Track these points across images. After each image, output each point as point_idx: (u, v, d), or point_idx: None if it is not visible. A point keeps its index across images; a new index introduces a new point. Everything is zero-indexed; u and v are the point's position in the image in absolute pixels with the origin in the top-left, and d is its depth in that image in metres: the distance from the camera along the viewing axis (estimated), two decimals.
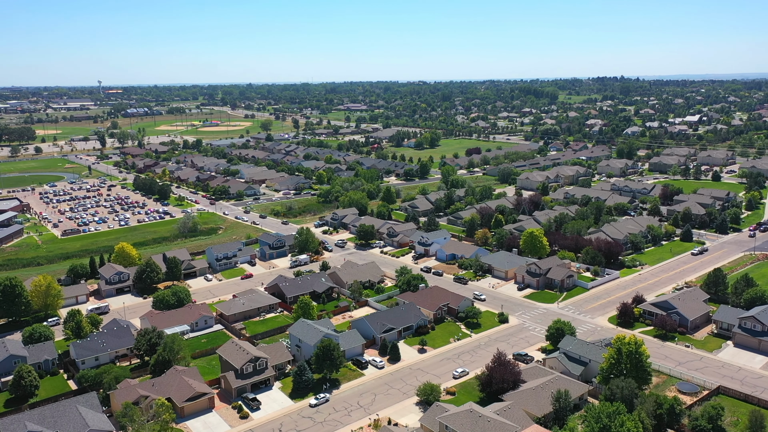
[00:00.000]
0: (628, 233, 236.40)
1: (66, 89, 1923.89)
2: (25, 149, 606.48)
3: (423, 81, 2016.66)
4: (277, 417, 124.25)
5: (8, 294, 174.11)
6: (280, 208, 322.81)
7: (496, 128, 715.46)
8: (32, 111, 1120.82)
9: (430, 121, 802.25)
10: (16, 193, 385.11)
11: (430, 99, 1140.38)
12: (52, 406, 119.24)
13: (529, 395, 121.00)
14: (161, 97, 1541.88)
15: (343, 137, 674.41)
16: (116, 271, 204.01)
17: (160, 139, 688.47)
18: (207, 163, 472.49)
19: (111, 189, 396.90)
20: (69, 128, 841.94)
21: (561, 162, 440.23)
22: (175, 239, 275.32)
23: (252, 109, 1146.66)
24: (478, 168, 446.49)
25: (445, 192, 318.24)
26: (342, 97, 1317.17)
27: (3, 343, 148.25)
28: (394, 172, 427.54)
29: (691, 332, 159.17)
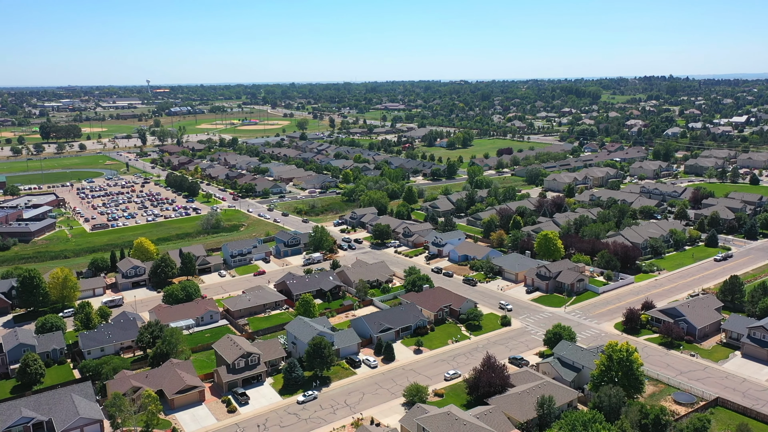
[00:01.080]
0: (648, 237, 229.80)
1: (116, 88, 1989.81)
2: (71, 146, 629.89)
3: (465, 80, 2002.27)
4: (263, 412, 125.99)
5: (27, 285, 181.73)
6: (303, 206, 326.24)
7: (533, 128, 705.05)
8: (82, 109, 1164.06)
9: (467, 121, 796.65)
10: (55, 188, 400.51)
11: (469, 98, 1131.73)
12: (48, 394, 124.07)
13: (515, 400, 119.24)
14: (206, 96, 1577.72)
15: (377, 136, 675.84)
16: (133, 265, 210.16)
17: (199, 137, 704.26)
18: (239, 161, 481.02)
19: (144, 185, 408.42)
20: (114, 126, 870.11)
21: (593, 163, 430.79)
22: (197, 235, 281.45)
23: (291, 108, 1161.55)
24: (507, 168, 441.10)
25: (466, 192, 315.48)
26: (381, 97, 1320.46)
27: (15, 332, 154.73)
28: (421, 171, 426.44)
29: (699, 341, 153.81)
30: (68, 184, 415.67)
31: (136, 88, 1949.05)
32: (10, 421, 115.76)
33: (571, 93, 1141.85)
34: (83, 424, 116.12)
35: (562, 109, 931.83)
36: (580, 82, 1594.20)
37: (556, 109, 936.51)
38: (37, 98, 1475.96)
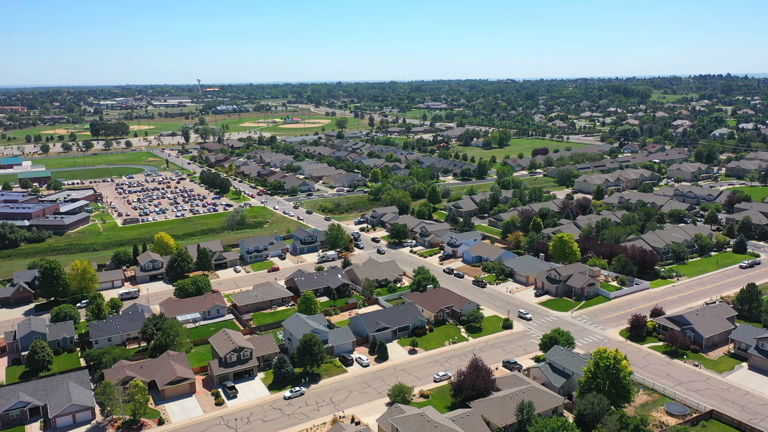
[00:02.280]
0: (671, 242, 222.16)
1: (169, 87, 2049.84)
2: (118, 143, 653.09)
3: (512, 79, 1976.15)
4: (250, 406, 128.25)
5: (48, 276, 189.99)
6: (328, 205, 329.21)
7: (574, 128, 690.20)
8: (134, 107, 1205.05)
9: (507, 120, 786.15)
10: (96, 183, 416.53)
11: (513, 98, 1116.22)
12: (46, 380, 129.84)
13: (496, 404, 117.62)
14: (253, 95, 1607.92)
15: (415, 135, 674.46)
16: (151, 259, 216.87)
17: (241, 135, 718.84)
18: (274, 159, 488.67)
19: (180, 182, 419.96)
20: (162, 124, 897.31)
21: (629, 165, 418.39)
22: (222, 231, 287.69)
23: (334, 107, 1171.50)
24: (540, 169, 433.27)
25: (491, 193, 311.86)
26: (424, 96, 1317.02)
27: (29, 321, 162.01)
28: (451, 171, 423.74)
29: (706, 350, 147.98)
30: (109, 180, 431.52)
31: (188, 87, 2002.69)
32: (8, 404, 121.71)
33: (619, 92, 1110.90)
34: (75, 411, 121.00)
35: (608, 108, 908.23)
36: (631, 81, 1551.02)
37: (601, 109, 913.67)
38: (94, 97, 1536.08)
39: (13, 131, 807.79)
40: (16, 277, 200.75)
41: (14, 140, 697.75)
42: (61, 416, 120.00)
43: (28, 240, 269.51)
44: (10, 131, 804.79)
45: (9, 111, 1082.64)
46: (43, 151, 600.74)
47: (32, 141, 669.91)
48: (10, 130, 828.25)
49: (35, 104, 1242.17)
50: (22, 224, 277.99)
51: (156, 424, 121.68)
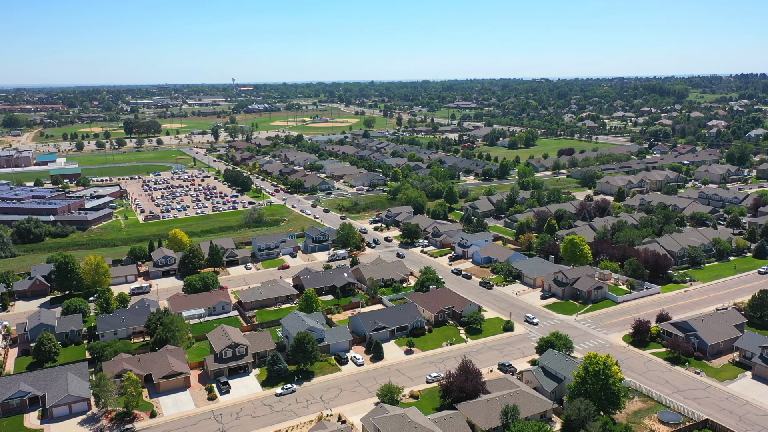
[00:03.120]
0: (687, 245, 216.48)
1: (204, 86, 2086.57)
2: (150, 141, 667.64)
3: (546, 78, 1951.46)
4: (241, 402, 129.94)
5: (62, 270, 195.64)
6: (346, 203, 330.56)
7: (604, 128, 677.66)
8: (170, 106, 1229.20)
9: (537, 120, 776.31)
10: (124, 180, 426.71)
11: (545, 97, 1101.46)
12: (46, 371, 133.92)
13: (483, 407, 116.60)
14: (286, 94, 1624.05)
15: (441, 135, 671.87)
16: (164, 255, 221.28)
17: (269, 133, 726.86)
18: (298, 158, 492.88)
19: (204, 180, 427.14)
20: (194, 122, 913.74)
21: (657, 166, 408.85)
22: (239, 228, 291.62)
23: (364, 106, 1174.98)
24: (564, 170, 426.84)
25: (508, 194, 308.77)
26: (455, 95, 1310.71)
27: (39, 313, 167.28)
28: (473, 171, 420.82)
29: (711, 358, 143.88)
30: (136, 177, 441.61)
31: (223, 87, 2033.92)
32: (8, 393, 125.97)
33: (654, 92, 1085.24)
34: (71, 401, 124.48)
35: (642, 108, 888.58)
36: (669, 81, 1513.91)
37: (634, 109, 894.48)
38: (132, 96, 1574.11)
39: (52, 129, 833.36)
40: (34, 271, 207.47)
41: (52, 138, 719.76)
42: (58, 406, 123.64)
43: (53, 235, 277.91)
44: (48, 129, 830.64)
45: (50, 109, 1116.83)
46: (77, 149, 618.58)
47: (68, 139, 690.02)
48: (49, 127, 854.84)
49: (75, 103, 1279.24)
50: (47, 219, 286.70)
51: (148, 417, 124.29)
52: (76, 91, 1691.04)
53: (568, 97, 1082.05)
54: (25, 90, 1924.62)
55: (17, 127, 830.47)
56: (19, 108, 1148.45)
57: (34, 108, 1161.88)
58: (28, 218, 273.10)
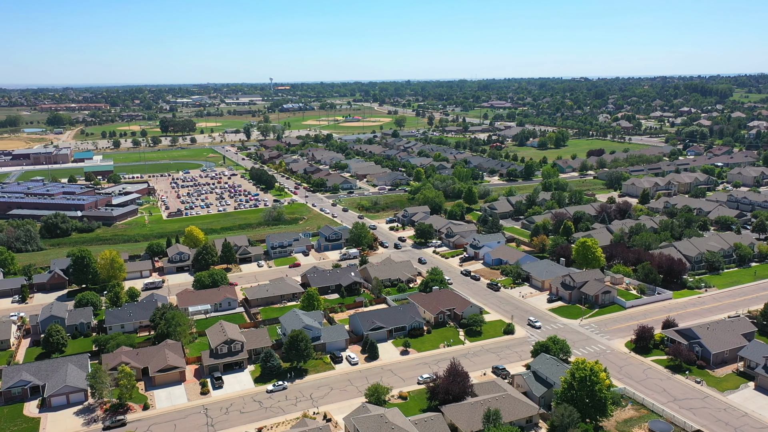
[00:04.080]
0: (706, 250, 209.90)
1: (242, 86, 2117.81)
2: (184, 139, 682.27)
3: (585, 77, 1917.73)
4: (232, 397, 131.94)
5: (79, 264, 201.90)
6: (366, 203, 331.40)
7: (639, 129, 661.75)
8: (208, 105, 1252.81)
9: (570, 120, 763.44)
10: (154, 177, 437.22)
11: (581, 97, 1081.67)
12: (49, 361, 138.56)
13: (467, 410, 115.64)
14: (322, 93, 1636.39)
15: (472, 135, 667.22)
16: (178, 251, 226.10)
17: (301, 132, 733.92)
18: (324, 157, 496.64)
19: (232, 178, 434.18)
20: (229, 121, 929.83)
21: (688, 167, 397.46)
22: (258, 226, 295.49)
23: (398, 106, 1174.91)
24: (592, 171, 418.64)
25: (527, 194, 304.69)
26: (490, 94, 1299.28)
27: (51, 306, 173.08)
28: (498, 172, 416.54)
29: (714, 367, 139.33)
30: (166, 175, 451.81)
31: (261, 86, 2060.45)
32: (10, 382, 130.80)
33: (696, 91, 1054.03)
34: (68, 392, 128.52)
35: (681, 108, 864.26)
36: (713, 80, 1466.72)
37: (673, 109, 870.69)
38: (173, 95, 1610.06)
39: (93, 127, 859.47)
40: (53, 265, 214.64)
41: (91, 136, 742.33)
42: (56, 396, 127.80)
43: (79, 230, 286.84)
44: (89, 127, 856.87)
45: (93, 108, 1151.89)
46: (114, 146, 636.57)
47: (107, 137, 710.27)
48: (90, 126, 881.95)
49: (118, 102, 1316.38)
50: (75, 215, 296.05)
51: (141, 409, 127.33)
52: (119, 90, 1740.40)
53: (606, 97, 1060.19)
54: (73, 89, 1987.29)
55: (60, 125, 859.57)
56: (65, 107, 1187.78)
57: (78, 107, 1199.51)
58: (56, 213, 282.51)
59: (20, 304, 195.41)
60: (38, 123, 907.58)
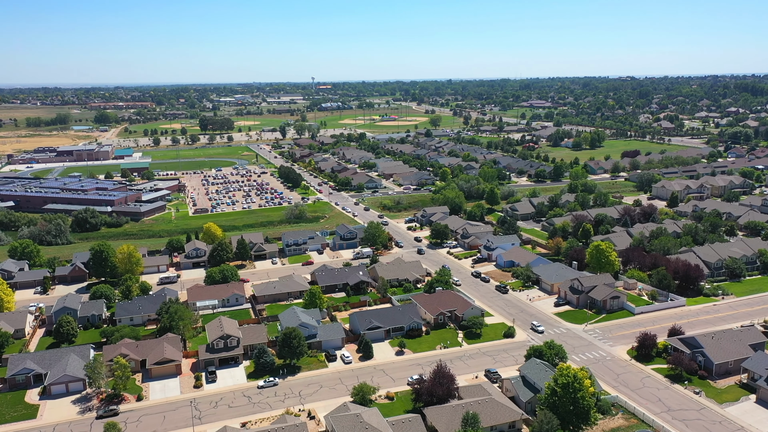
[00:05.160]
0: (727, 256, 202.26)
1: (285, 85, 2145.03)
2: (221, 137, 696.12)
3: (631, 76, 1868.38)
4: (223, 392, 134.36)
5: (97, 258, 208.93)
6: (388, 202, 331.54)
7: (681, 130, 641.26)
8: (249, 104, 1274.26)
9: (610, 120, 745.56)
10: (187, 174, 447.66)
11: (625, 96, 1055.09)
12: (53, 351, 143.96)
13: (448, 412, 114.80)
14: (362, 93, 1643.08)
15: (507, 134, 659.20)
16: (195, 247, 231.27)
17: (337, 131, 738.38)
18: (355, 156, 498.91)
19: (262, 175, 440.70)
20: (268, 120, 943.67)
21: (726, 170, 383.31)
22: (280, 224, 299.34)
23: (436, 105, 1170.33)
24: (624, 173, 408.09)
25: (550, 196, 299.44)
26: (531, 94, 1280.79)
27: (65, 298, 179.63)
28: (526, 172, 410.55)
29: (716, 378, 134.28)
30: (199, 172, 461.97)
31: (303, 85, 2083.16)
32: (15, 369, 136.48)
33: (746, 90, 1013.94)
34: (67, 381, 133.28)
35: (728, 108, 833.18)
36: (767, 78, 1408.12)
37: (721, 109, 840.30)
38: (217, 94, 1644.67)
39: (136, 125, 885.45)
40: (75, 258, 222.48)
41: (134, 134, 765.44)
42: (56, 384, 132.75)
43: (108, 224, 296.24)
44: (133, 125, 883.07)
45: (139, 106, 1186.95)
46: (154, 144, 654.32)
47: (148, 134, 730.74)
48: (134, 124, 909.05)
49: (163, 100, 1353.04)
50: (104, 210, 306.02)
51: (135, 400, 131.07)
52: (166, 90, 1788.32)
53: (650, 97, 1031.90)
54: (123, 88, 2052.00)
55: (106, 123, 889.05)
56: (113, 105, 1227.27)
57: (125, 105, 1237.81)
58: (86, 208, 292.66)
59: (42, 295, 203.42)
60: (86, 121, 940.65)
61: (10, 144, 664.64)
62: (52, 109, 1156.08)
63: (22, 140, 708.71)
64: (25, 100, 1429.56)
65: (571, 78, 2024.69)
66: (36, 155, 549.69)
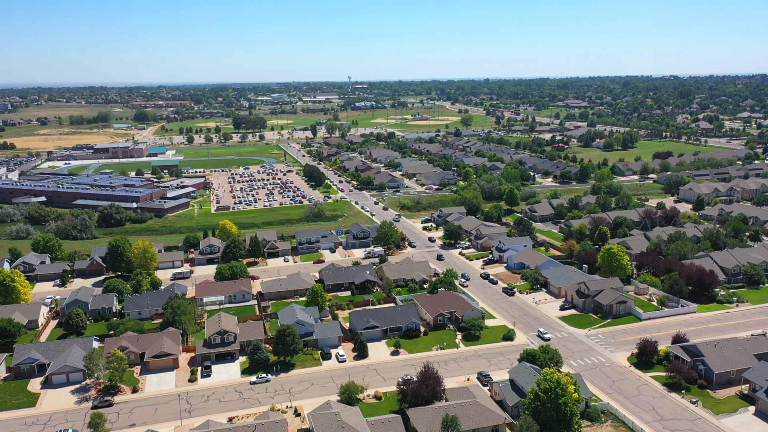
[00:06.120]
0: (746, 262, 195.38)
1: (323, 84, 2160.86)
2: (253, 136, 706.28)
3: (674, 75, 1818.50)
4: (216, 386, 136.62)
5: (114, 253, 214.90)
6: (408, 202, 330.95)
7: (720, 130, 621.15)
8: (285, 103, 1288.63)
9: (646, 121, 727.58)
10: (215, 172, 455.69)
11: (665, 96, 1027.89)
12: (57, 342, 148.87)
13: (430, 414, 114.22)
14: (398, 92, 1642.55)
15: (538, 134, 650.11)
16: (209, 243, 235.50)
17: (368, 130, 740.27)
18: (381, 155, 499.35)
19: (287, 174, 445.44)
20: (301, 118, 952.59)
21: (761, 172, 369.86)
22: (298, 222, 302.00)
23: (470, 104, 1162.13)
24: (653, 174, 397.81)
25: (570, 197, 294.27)
26: (568, 93, 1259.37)
27: (77, 291, 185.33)
28: (552, 173, 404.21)
29: (716, 387, 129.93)
30: (226, 170, 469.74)
31: (339, 84, 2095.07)
32: (21, 359, 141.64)
33: None
34: (68, 371, 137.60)
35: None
36: None
37: (766, 109, 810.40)
38: (254, 93, 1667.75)
39: (173, 123, 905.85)
40: (93, 252, 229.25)
41: (170, 132, 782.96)
42: (57, 374, 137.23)
43: (133, 220, 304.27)
44: (170, 123, 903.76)
45: (179, 105, 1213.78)
46: (188, 142, 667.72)
47: (183, 133, 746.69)
48: (172, 122, 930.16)
49: (202, 99, 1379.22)
50: (130, 206, 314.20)
51: (131, 392, 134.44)
52: (206, 89, 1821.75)
53: (692, 96, 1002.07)
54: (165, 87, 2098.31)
55: (145, 122, 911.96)
56: (153, 104, 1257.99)
57: (165, 104, 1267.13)
58: (111, 204, 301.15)
59: (60, 287, 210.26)
60: (126, 119, 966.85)
61: (52, 141, 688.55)
62: (96, 107, 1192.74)
63: (64, 137, 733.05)
64: (71, 99, 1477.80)
65: (611, 77, 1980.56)
66: (74, 152, 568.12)
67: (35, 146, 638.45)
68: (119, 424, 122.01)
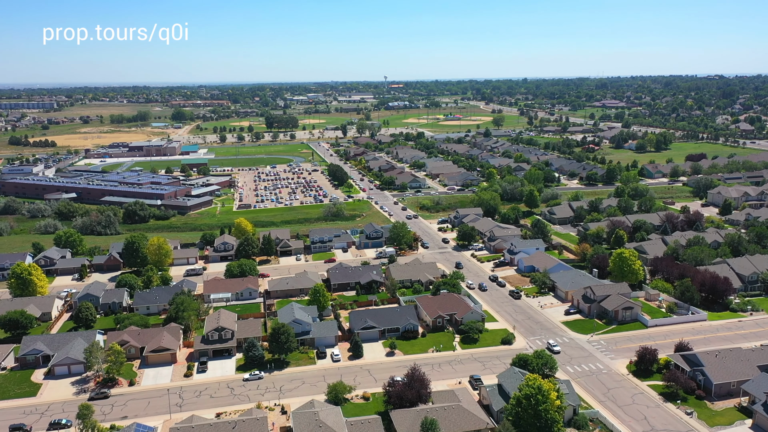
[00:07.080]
0: (765, 269, 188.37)
1: (359, 84, 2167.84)
2: (285, 135, 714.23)
3: (720, 75, 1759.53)
4: (209, 382, 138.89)
5: (129, 249, 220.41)
6: (427, 202, 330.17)
7: (761, 132, 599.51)
8: (319, 102, 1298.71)
9: (685, 122, 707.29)
10: (242, 171, 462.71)
11: (707, 96, 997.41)
12: (63, 334, 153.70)
13: (413, 416, 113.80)
14: (433, 92, 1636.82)
15: (570, 135, 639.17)
16: (223, 241, 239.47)
17: (399, 130, 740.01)
18: (407, 155, 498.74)
19: (312, 173, 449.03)
20: (333, 118, 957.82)
21: None
22: (316, 221, 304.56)
23: (504, 104, 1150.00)
24: (684, 177, 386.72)
25: (590, 200, 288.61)
26: (606, 93, 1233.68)
27: (90, 285, 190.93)
28: (578, 175, 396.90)
29: (715, 399, 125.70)
30: (254, 169, 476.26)
31: (375, 84, 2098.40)
32: (27, 350, 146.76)
33: None
34: (69, 363, 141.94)
35: None
36: None
37: None
38: (291, 92, 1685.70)
39: (209, 123, 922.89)
40: (111, 248, 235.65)
41: (204, 131, 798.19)
42: (59, 366, 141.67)
43: (157, 217, 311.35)
44: (206, 123, 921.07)
45: (216, 104, 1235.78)
46: (221, 141, 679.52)
47: (217, 132, 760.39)
48: (208, 121, 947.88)
49: (239, 98, 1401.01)
50: (154, 203, 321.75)
51: (127, 385, 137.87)
52: (244, 88, 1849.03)
53: (735, 96, 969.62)
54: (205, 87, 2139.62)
55: (182, 120, 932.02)
56: (191, 103, 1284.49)
57: (203, 103, 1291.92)
58: (136, 201, 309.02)
59: (78, 281, 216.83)
60: (164, 118, 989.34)
61: (91, 139, 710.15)
62: (136, 106, 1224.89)
63: (103, 135, 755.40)
64: (114, 98, 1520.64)
65: (653, 77, 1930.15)
66: (110, 150, 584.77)
67: (75, 144, 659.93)
68: (112, 416, 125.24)
